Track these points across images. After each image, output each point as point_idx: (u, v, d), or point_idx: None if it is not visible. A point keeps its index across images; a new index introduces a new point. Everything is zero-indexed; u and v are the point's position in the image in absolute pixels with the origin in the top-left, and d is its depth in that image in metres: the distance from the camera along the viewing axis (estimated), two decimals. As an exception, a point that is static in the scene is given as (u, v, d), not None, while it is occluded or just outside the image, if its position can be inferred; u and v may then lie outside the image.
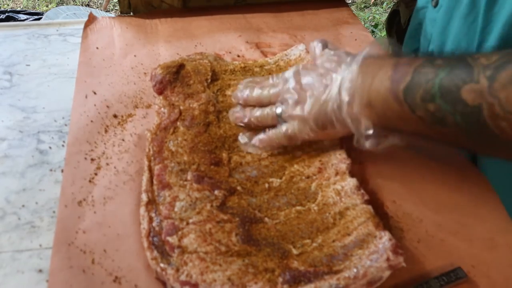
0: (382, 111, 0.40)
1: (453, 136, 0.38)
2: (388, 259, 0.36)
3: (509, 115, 0.33)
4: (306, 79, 0.45)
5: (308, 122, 0.44)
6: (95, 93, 0.55)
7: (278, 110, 0.47)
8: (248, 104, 0.49)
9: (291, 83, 0.46)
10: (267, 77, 0.51)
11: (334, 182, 0.44)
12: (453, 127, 0.37)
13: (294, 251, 0.39)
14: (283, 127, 0.46)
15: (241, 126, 0.50)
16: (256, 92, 0.49)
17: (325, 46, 0.50)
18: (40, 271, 0.40)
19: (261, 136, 0.48)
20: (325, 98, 0.43)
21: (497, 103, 0.34)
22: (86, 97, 0.54)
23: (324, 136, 0.46)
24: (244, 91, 0.50)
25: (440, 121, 0.37)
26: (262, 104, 0.49)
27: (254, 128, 0.49)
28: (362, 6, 2.35)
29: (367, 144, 0.42)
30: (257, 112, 0.48)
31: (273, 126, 0.47)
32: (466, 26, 0.52)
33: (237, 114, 0.50)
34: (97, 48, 0.62)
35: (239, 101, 0.50)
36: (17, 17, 1.67)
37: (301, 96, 0.45)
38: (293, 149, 0.48)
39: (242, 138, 0.49)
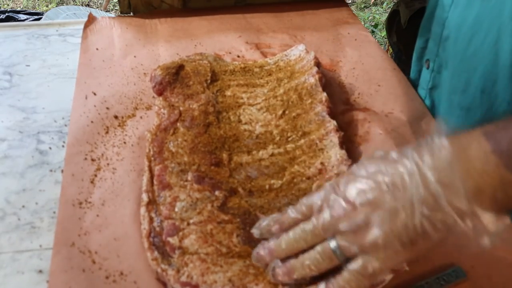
0: (500, 193, 0.31)
1: None
2: None
3: None
4: (355, 188, 0.34)
5: (388, 246, 0.32)
6: (95, 94, 0.55)
7: (332, 244, 0.34)
8: (281, 257, 0.36)
9: (336, 203, 0.34)
10: (284, 212, 0.37)
11: (335, 183, 0.44)
12: None
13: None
14: (355, 265, 0.33)
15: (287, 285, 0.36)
16: (286, 240, 0.36)
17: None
18: (40, 271, 0.40)
19: (322, 285, 0.34)
20: (403, 206, 0.32)
21: None
22: (86, 98, 0.54)
23: (415, 254, 0.34)
24: (267, 245, 0.37)
25: None
26: (300, 249, 0.36)
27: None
28: (362, 6, 2.35)
29: (489, 242, 0.32)
30: (306, 258, 0.35)
31: (332, 270, 0.35)
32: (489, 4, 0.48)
33: (278, 270, 0.36)
34: (97, 49, 0.62)
35: (266, 260, 0.37)
36: (17, 17, 1.67)
37: (360, 214, 0.33)
38: (294, 150, 0.48)
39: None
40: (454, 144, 0.33)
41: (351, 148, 0.50)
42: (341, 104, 0.56)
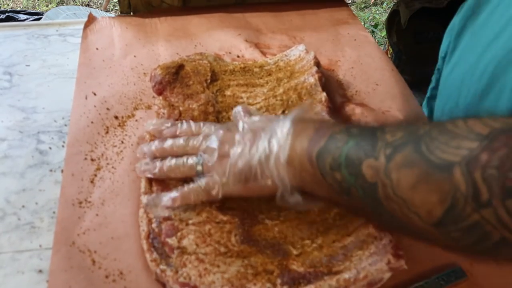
0: (299, 172, 0.39)
1: (360, 208, 0.36)
2: (389, 262, 0.36)
3: (400, 199, 0.32)
4: (230, 135, 0.42)
5: (231, 175, 0.41)
6: (95, 94, 0.55)
7: (198, 160, 0.43)
8: (157, 157, 0.45)
9: (213, 138, 0.43)
10: (176, 125, 0.46)
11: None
12: (358, 199, 0.35)
13: (294, 252, 0.39)
14: (203, 181, 0.42)
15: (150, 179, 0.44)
16: (168, 142, 0.45)
17: (249, 114, 0.47)
18: (40, 271, 0.40)
19: (174, 193, 0.42)
20: (252, 151, 0.40)
21: (389, 184, 0.32)
22: (86, 98, 0.54)
23: (246, 192, 0.42)
24: (151, 143, 0.45)
25: (346, 191, 0.36)
26: (176, 155, 0.44)
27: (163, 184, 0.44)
28: (362, 6, 2.35)
29: (292, 200, 0.40)
30: (172, 161, 0.43)
31: (189, 180, 0.43)
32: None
33: (145, 166, 0.44)
34: (97, 49, 0.62)
35: (145, 155, 0.45)
36: (17, 17, 1.67)
37: (224, 150, 0.42)
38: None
39: (148, 200, 0.42)
40: (301, 123, 0.40)
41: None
42: (338, 97, 0.56)
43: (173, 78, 0.54)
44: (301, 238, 0.40)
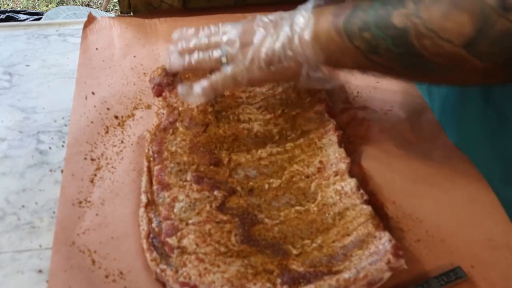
0: (325, 44, 0.42)
1: (388, 63, 0.40)
2: (389, 262, 0.36)
3: (431, 32, 0.36)
4: (249, 26, 0.46)
5: (255, 60, 0.44)
6: (94, 94, 0.55)
7: (223, 52, 0.46)
8: (185, 53, 0.49)
9: (233, 31, 0.46)
10: (198, 29, 0.50)
11: (334, 182, 0.44)
12: (386, 53, 0.39)
13: (294, 252, 0.39)
14: (228, 68, 0.46)
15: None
16: (192, 41, 0.48)
17: None
18: (40, 271, 0.40)
19: (204, 82, 0.47)
20: (274, 36, 0.44)
21: (420, 22, 0.36)
22: (86, 98, 0.54)
23: (270, 76, 0.46)
24: (178, 44, 0.49)
25: (374, 49, 0.39)
26: (201, 50, 0.48)
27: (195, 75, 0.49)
28: (362, 5, 2.34)
29: (316, 75, 0.44)
30: (198, 54, 0.47)
31: (215, 70, 0.47)
32: None
33: (175, 60, 0.49)
34: (96, 49, 0.62)
35: (175, 52, 0.50)
36: (17, 17, 1.67)
37: (246, 39, 0.45)
38: (293, 149, 0.48)
39: (182, 88, 0.48)
40: (320, 7, 0.44)
41: (351, 146, 0.50)
42: (340, 103, 0.56)
43: (172, 79, 0.54)
44: (301, 238, 0.40)
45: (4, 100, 0.56)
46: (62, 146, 0.50)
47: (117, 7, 2.15)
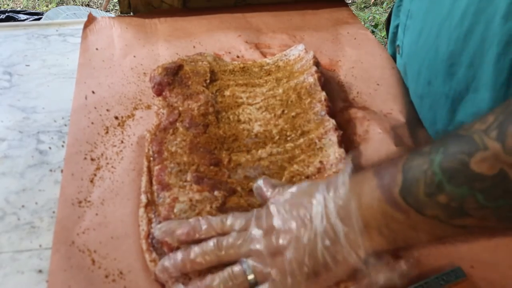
0: (385, 228, 0.33)
1: (481, 223, 0.31)
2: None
3: None
4: (268, 224, 0.35)
5: (295, 275, 0.33)
6: (94, 93, 0.55)
7: (245, 268, 0.34)
8: (188, 271, 0.36)
9: (252, 235, 0.35)
10: (190, 224, 0.37)
11: (334, 183, 0.44)
12: (478, 212, 0.30)
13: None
14: None
15: None
16: (196, 251, 0.36)
17: (272, 187, 0.40)
18: (40, 271, 0.40)
19: None
20: (309, 235, 0.33)
21: None
22: (86, 98, 0.54)
23: (322, 285, 0.34)
24: (173, 256, 0.36)
25: (459, 212, 0.30)
26: (208, 265, 0.36)
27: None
28: (362, 6, 2.35)
29: (381, 279, 0.34)
30: (215, 281, 0.34)
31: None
32: None
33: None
34: (96, 49, 0.62)
35: (172, 273, 0.36)
36: (17, 17, 1.67)
37: (272, 246, 0.34)
38: (293, 149, 0.48)
39: None
40: (352, 181, 0.34)
41: (351, 147, 0.50)
42: (340, 102, 0.56)
43: (172, 78, 0.54)
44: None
45: (4, 100, 0.56)
46: (62, 146, 0.50)
47: (117, 7, 2.15)
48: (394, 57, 0.66)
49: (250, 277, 0.34)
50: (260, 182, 0.40)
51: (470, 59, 0.48)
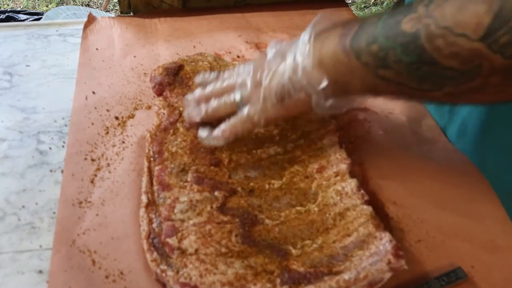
0: (332, 68, 0.40)
1: (399, 77, 0.37)
2: (389, 262, 0.36)
3: (444, 30, 0.33)
4: (260, 63, 0.45)
5: (267, 98, 0.44)
6: (95, 94, 0.55)
7: (237, 95, 0.46)
8: (202, 101, 0.49)
9: (245, 71, 0.46)
10: (217, 73, 0.51)
11: (335, 183, 0.44)
12: (396, 66, 0.36)
13: (294, 252, 0.39)
14: (244, 110, 0.45)
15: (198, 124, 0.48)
16: (209, 88, 0.48)
17: (281, 43, 0.48)
18: (40, 272, 0.40)
19: (222, 126, 0.46)
20: (281, 69, 0.43)
21: (432, 22, 0.34)
22: (86, 98, 0.54)
23: (285, 111, 0.45)
24: (194, 92, 0.49)
25: (383, 62, 0.37)
26: (217, 96, 0.48)
27: (213, 122, 0.48)
28: (362, 6, 2.35)
29: (328, 105, 0.42)
30: (214, 103, 0.47)
31: (233, 114, 0.46)
32: None
33: (193, 111, 0.48)
34: (96, 49, 0.62)
35: (192, 102, 0.49)
36: (17, 17, 1.67)
37: (257, 79, 0.44)
38: (293, 149, 0.48)
39: (202, 132, 0.47)
40: (324, 30, 0.43)
41: (351, 147, 0.50)
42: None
43: (173, 78, 0.54)
44: (301, 238, 0.40)
45: (4, 100, 0.56)
46: (62, 146, 0.50)
47: (117, 7, 2.15)
48: None
49: (238, 100, 0.46)
50: (272, 41, 0.47)
51: None
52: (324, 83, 0.41)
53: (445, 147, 0.51)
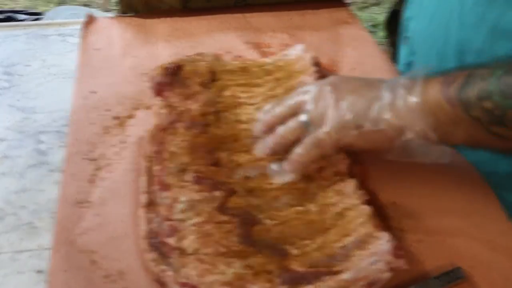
0: (434, 114, 0.38)
1: (510, 135, 0.37)
2: (389, 262, 0.36)
3: None
4: (327, 87, 0.42)
5: (342, 121, 0.40)
6: (94, 94, 0.55)
7: (303, 117, 0.42)
8: (271, 127, 0.45)
9: (316, 88, 0.43)
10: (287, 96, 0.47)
11: (334, 183, 0.44)
12: None
13: (294, 252, 0.39)
14: (313, 135, 0.42)
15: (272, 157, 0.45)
16: (276, 110, 0.45)
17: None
18: (40, 271, 0.40)
19: (292, 157, 0.43)
20: (367, 95, 0.40)
21: None
22: (86, 98, 0.54)
23: (360, 141, 0.41)
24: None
25: (499, 119, 0.36)
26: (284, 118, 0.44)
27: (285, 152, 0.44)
28: (362, 6, 2.35)
29: (419, 149, 0.40)
30: (281, 129, 0.43)
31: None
32: None
33: (259, 148, 0.45)
34: (96, 49, 0.62)
35: (262, 130, 0.46)
36: (17, 17, 1.67)
37: (333, 97, 0.41)
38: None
39: (272, 167, 0.44)
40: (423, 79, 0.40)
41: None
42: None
43: (172, 78, 0.54)
44: (301, 238, 0.40)
45: (3, 100, 0.56)
46: (62, 146, 0.50)
47: (117, 7, 2.15)
48: (394, 56, 0.66)
49: (307, 124, 0.42)
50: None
51: (480, 47, 0.48)
52: (429, 122, 0.39)
53: (445, 148, 0.51)
